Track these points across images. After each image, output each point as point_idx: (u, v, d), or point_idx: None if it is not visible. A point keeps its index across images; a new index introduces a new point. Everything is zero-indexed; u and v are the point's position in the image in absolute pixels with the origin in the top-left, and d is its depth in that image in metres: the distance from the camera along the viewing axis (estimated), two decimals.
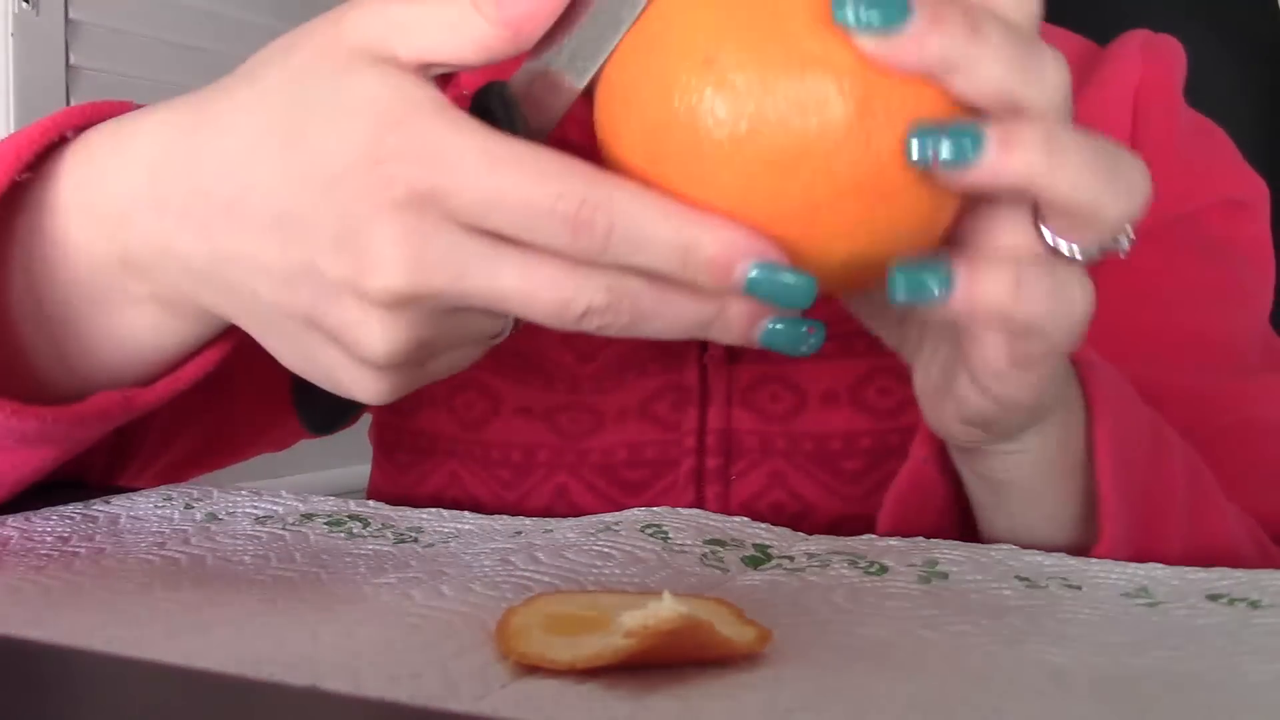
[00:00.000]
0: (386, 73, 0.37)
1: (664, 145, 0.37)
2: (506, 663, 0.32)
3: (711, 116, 0.35)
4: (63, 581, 0.40)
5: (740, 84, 0.35)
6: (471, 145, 0.36)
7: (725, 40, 0.36)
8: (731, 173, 0.36)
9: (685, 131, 0.36)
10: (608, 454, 0.62)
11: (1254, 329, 0.63)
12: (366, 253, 0.37)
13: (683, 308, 0.38)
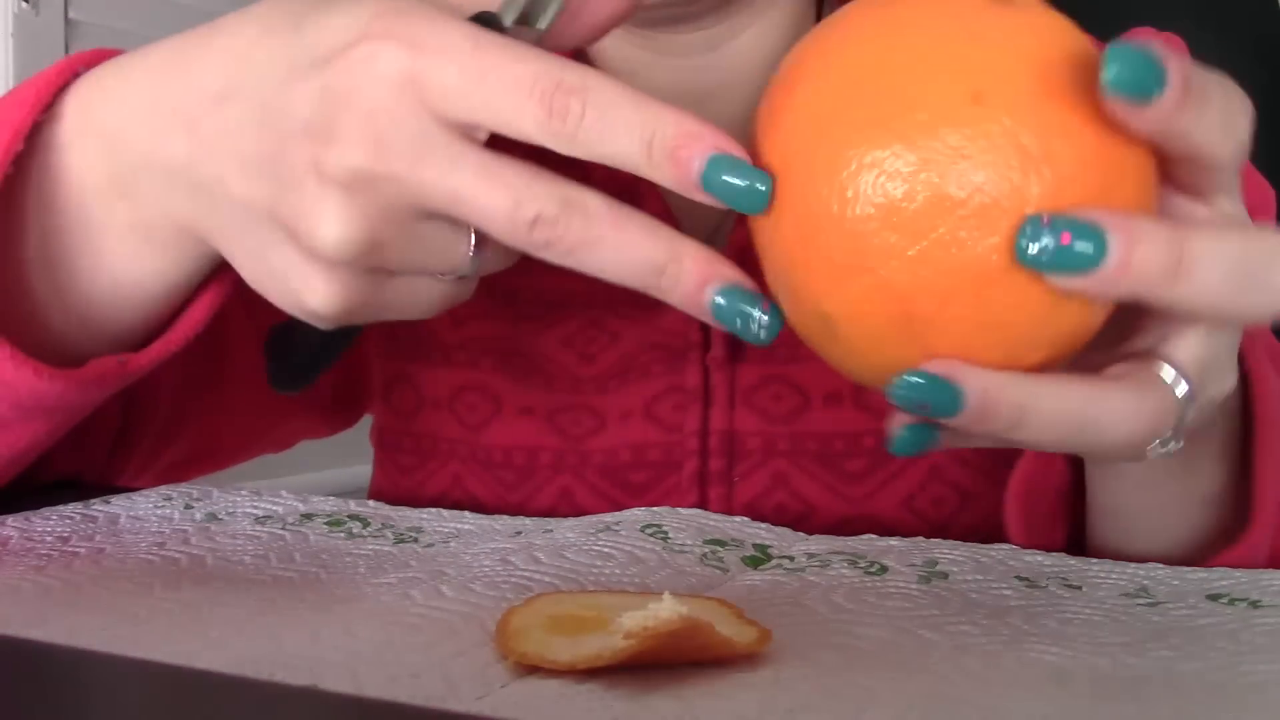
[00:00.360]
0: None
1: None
2: (506, 663, 0.32)
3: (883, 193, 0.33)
4: (63, 581, 0.40)
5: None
6: (459, 30, 0.37)
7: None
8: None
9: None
10: (610, 456, 0.62)
11: (1258, 333, 0.63)
12: (333, 131, 0.37)
13: (635, 242, 0.37)
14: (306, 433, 0.75)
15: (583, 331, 0.63)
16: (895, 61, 0.34)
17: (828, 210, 0.33)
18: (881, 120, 0.33)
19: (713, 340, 0.60)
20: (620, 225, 0.37)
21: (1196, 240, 0.34)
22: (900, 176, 0.32)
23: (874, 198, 0.33)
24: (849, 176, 0.33)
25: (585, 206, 0.37)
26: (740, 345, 0.60)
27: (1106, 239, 0.33)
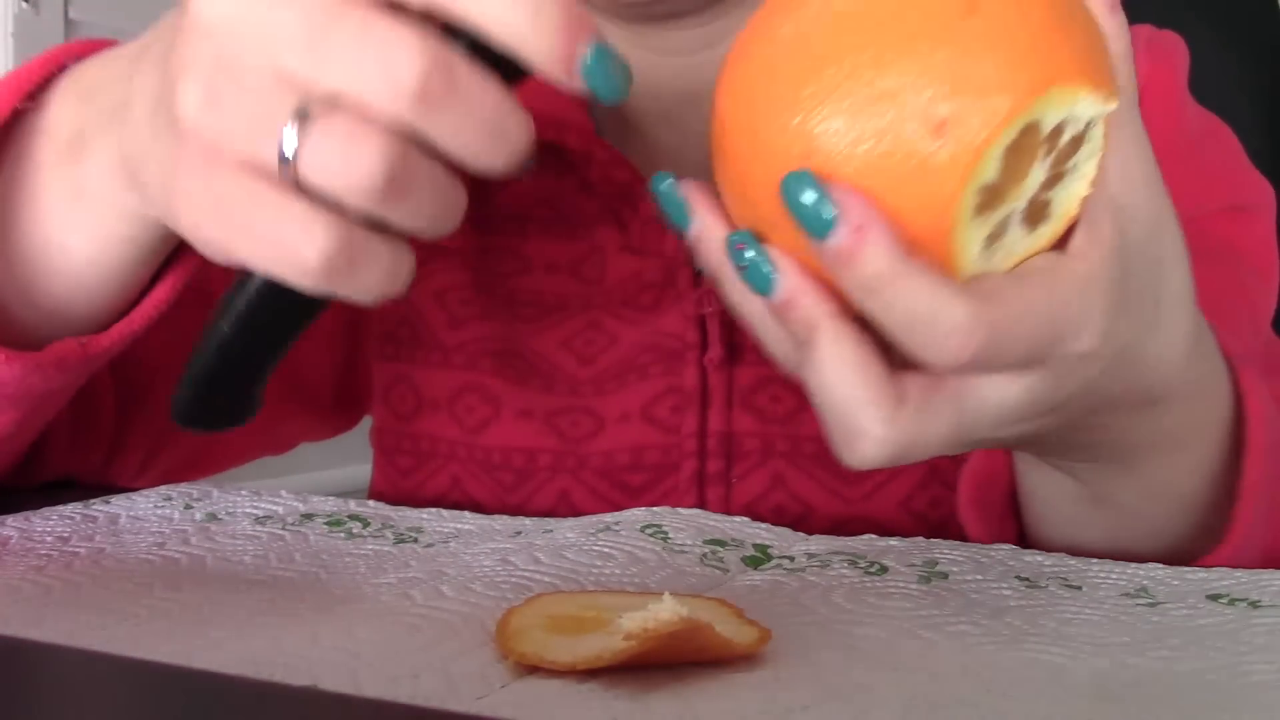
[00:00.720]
0: None
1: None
2: (506, 663, 0.32)
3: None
4: (63, 581, 0.40)
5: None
6: None
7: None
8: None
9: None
10: (609, 458, 0.62)
11: (1258, 333, 0.63)
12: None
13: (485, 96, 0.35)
14: (307, 434, 0.75)
15: (581, 333, 0.63)
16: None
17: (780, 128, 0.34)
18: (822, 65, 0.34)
19: (710, 341, 0.60)
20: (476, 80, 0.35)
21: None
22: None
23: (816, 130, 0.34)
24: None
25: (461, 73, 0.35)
26: (738, 347, 0.60)
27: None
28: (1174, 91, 0.63)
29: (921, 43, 0.33)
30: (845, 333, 0.36)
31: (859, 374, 0.36)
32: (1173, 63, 0.64)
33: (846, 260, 0.34)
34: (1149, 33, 0.65)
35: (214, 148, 0.36)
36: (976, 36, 0.33)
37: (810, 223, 0.34)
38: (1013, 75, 0.33)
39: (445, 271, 0.65)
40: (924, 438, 0.36)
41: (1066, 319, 0.36)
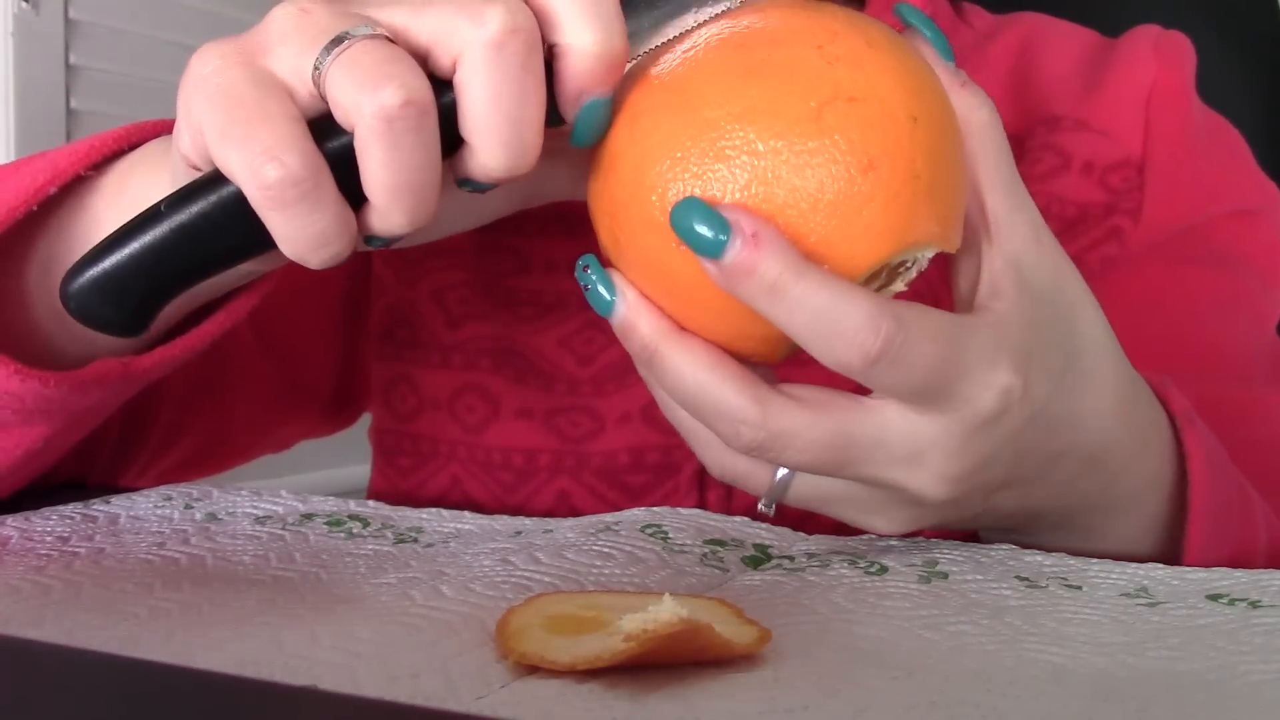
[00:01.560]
0: None
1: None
2: (506, 663, 0.32)
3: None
4: (63, 581, 0.40)
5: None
6: None
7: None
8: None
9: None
10: (609, 458, 0.62)
11: (1262, 339, 0.63)
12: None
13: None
14: (307, 432, 0.75)
15: (580, 332, 0.63)
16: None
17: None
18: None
19: None
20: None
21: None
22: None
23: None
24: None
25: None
26: None
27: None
28: (1181, 93, 0.63)
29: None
30: (690, 339, 0.38)
31: (717, 369, 0.38)
32: (1179, 64, 0.64)
33: (746, 272, 0.35)
34: (1156, 33, 0.65)
35: (267, 50, 0.38)
36: (865, 193, 0.36)
37: (703, 246, 0.35)
38: (889, 227, 0.36)
39: (443, 270, 0.65)
40: (803, 434, 0.37)
41: (971, 348, 0.37)
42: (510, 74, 0.37)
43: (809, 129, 0.35)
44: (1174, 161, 0.62)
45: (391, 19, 0.38)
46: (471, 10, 0.37)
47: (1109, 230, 0.62)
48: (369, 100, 0.36)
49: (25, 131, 1.35)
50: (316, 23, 0.37)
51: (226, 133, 0.37)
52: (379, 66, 0.36)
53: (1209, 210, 0.63)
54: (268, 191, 0.36)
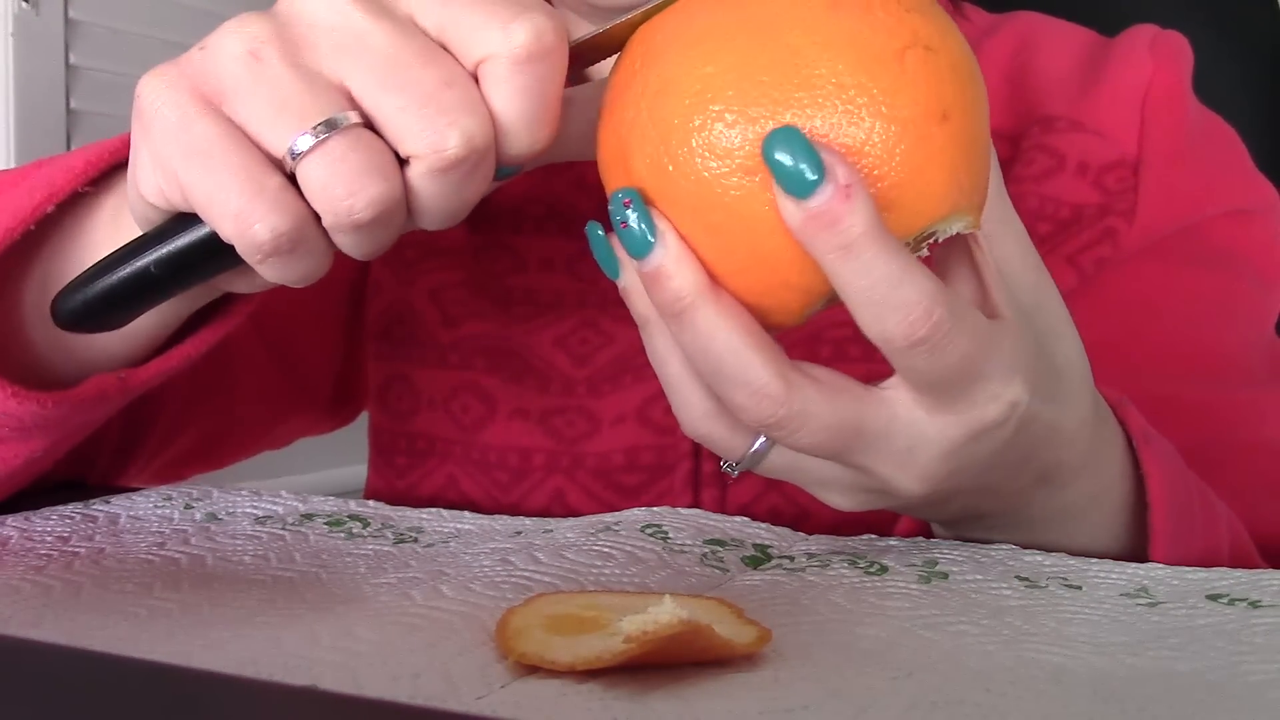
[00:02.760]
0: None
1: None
2: (506, 663, 0.32)
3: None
4: (63, 581, 0.40)
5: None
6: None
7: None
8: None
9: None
10: (604, 458, 0.62)
11: (1260, 340, 0.63)
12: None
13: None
14: (306, 430, 0.75)
15: (576, 332, 0.63)
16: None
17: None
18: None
19: None
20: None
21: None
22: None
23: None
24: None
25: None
26: None
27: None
28: (1177, 94, 0.63)
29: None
30: (726, 299, 0.36)
31: (750, 336, 0.36)
32: (1176, 64, 0.64)
33: (830, 222, 0.34)
34: (1153, 33, 0.65)
35: (222, 96, 0.37)
36: (938, 147, 0.35)
37: (792, 183, 0.33)
38: (947, 188, 0.35)
39: (440, 270, 0.65)
40: (819, 415, 0.37)
41: (995, 355, 0.37)
42: (459, 188, 0.38)
43: (893, 70, 0.34)
44: (1169, 162, 0.62)
45: (358, 93, 0.37)
46: (432, 128, 0.36)
47: (1103, 231, 0.62)
48: (342, 208, 0.36)
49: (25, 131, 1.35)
50: (278, 85, 0.37)
51: (214, 197, 0.37)
52: (356, 177, 0.36)
53: (1205, 210, 0.63)
54: (259, 251, 0.37)
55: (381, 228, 0.37)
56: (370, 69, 0.36)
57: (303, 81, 0.37)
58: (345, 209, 0.36)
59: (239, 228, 0.37)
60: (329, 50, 0.37)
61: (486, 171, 0.38)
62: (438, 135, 0.36)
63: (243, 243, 0.37)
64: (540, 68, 0.37)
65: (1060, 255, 0.61)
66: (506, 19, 0.36)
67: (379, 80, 0.36)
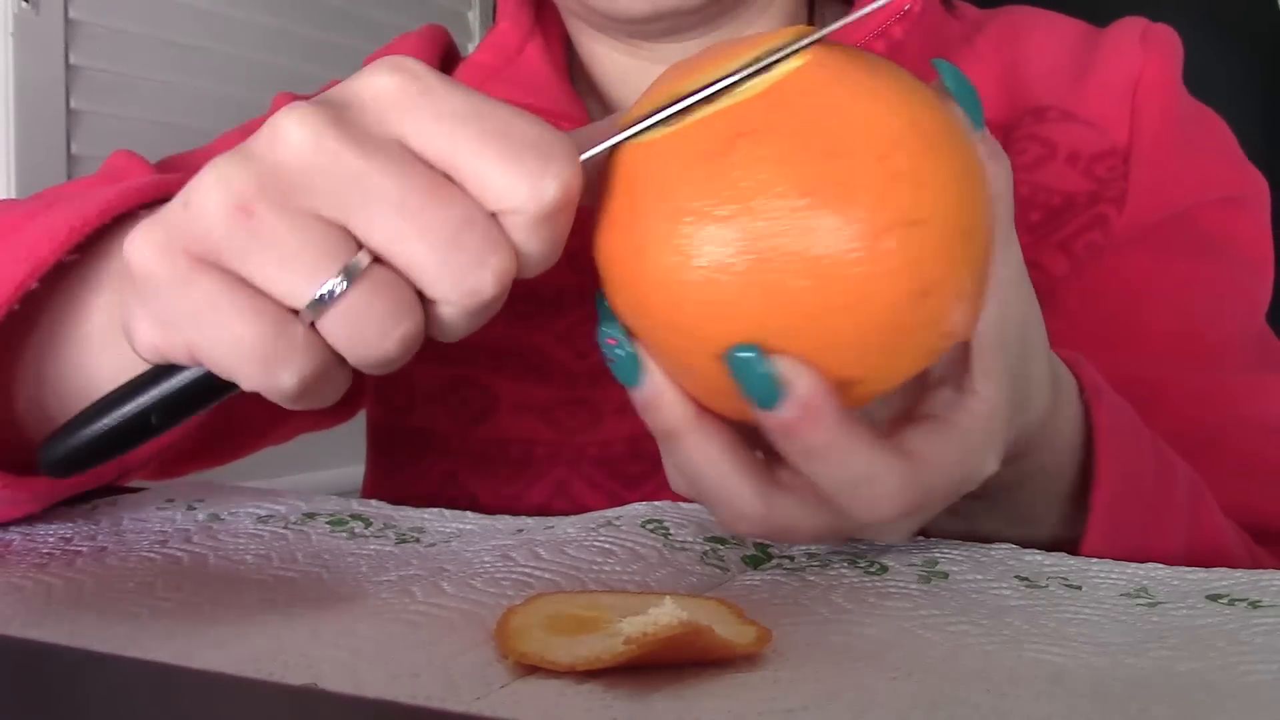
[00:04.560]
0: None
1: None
2: (506, 662, 0.32)
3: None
4: (65, 579, 0.41)
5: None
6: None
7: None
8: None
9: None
10: (606, 448, 0.62)
11: (1250, 327, 0.63)
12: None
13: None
14: (308, 426, 0.75)
15: (578, 326, 0.63)
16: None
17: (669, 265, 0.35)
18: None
19: None
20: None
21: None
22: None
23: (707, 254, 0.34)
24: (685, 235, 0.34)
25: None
26: None
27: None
28: (1168, 84, 0.64)
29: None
30: (709, 425, 0.37)
31: (730, 459, 0.37)
32: (1166, 55, 0.64)
33: (791, 432, 0.35)
34: (1143, 25, 0.65)
35: (218, 256, 0.35)
36: (917, 321, 0.35)
37: (757, 393, 0.34)
38: (932, 349, 0.36)
39: None
40: (801, 526, 0.38)
41: (978, 459, 0.38)
42: (485, 316, 0.36)
43: (868, 254, 0.33)
44: (1159, 150, 0.62)
45: (367, 238, 0.34)
46: (461, 273, 0.34)
47: (1094, 217, 0.62)
48: (376, 352, 0.35)
49: (25, 131, 1.35)
50: (276, 237, 0.34)
51: (233, 350, 0.35)
52: (383, 324, 0.34)
53: (1195, 198, 0.63)
54: (286, 398, 0.35)
55: (408, 356, 0.36)
56: (378, 215, 0.34)
57: (304, 232, 0.34)
58: (378, 353, 0.35)
59: (265, 378, 0.35)
60: (325, 195, 0.34)
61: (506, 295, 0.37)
62: (472, 280, 0.34)
63: (270, 391, 0.35)
64: (565, 216, 0.36)
65: (1052, 242, 0.62)
66: (536, 173, 0.34)
67: (392, 228, 0.34)
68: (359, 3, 1.77)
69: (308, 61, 1.64)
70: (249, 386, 0.35)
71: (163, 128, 1.49)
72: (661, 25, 0.60)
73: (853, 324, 0.34)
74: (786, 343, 0.34)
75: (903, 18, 0.63)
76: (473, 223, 0.34)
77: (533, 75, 0.66)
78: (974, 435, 0.38)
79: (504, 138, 0.34)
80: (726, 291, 0.34)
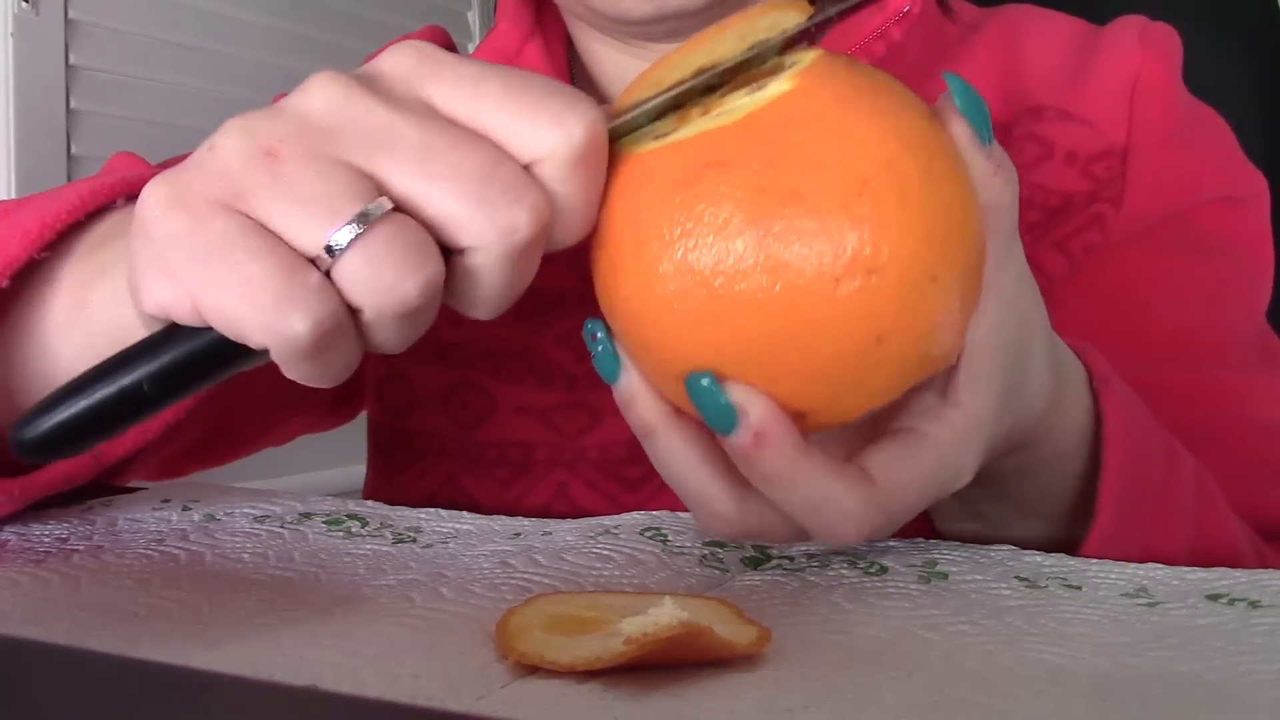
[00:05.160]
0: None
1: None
2: (506, 663, 0.32)
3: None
4: (61, 575, 0.40)
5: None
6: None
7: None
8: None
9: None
10: (606, 451, 0.62)
11: (1250, 326, 0.63)
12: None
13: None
14: (308, 428, 0.75)
15: (579, 329, 0.63)
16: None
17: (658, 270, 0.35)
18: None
19: None
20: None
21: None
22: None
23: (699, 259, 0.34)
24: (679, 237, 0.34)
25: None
26: None
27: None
28: (1167, 83, 0.64)
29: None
30: (684, 427, 0.38)
31: (705, 464, 0.38)
32: (1165, 54, 0.64)
33: (747, 458, 0.35)
34: (1142, 24, 0.65)
35: (239, 199, 0.34)
36: (871, 365, 0.35)
37: (713, 419, 0.35)
38: (889, 388, 0.36)
39: None
40: (776, 531, 0.38)
41: (951, 473, 0.38)
42: (525, 268, 0.36)
43: (822, 299, 0.33)
44: (1157, 150, 0.62)
45: (394, 184, 0.34)
46: (496, 211, 0.34)
47: (1092, 217, 0.62)
48: (392, 299, 0.34)
49: (25, 131, 1.35)
50: (301, 180, 0.34)
51: (242, 293, 0.33)
52: (403, 263, 0.34)
53: (1193, 198, 0.63)
54: (297, 350, 0.34)
55: (426, 314, 0.35)
56: (407, 158, 0.34)
57: (327, 177, 0.34)
58: (397, 297, 0.34)
59: (274, 324, 0.33)
60: (354, 142, 0.34)
61: (540, 254, 0.36)
62: (506, 217, 0.34)
63: (278, 341, 0.34)
64: (597, 160, 0.35)
65: (1049, 241, 0.62)
66: (562, 114, 0.34)
67: (420, 170, 0.34)
68: (359, 3, 1.77)
69: (308, 61, 1.64)
70: (257, 338, 0.34)
71: (163, 128, 1.48)
72: (664, 27, 0.60)
73: (805, 361, 0.34)
74: (741, 372, 0.35)
75: (901, 19, 0.63)
76: (502, 163, 0.34)
77: None
78: (947, 449, 0.37)
79: (526, 91, 0.35)
80: (684, 318, 0.34)
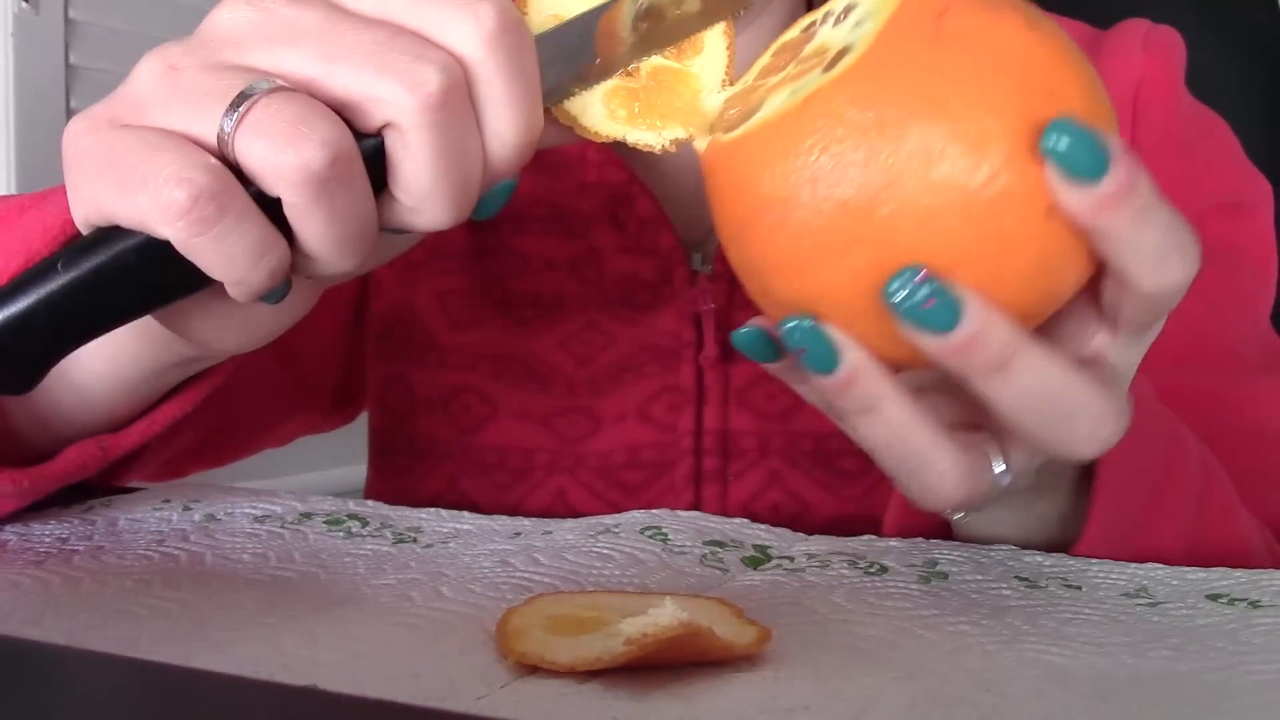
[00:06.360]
0: None
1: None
2: (506, 663, 0.32)
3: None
4: (62, 576, 0.40)
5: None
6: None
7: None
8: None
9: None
10: (605, 457, 0.62)
11: (1254, 332, 0.63)
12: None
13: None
14: (308, 429, 0.75)
15: (578, 334, 0.63)
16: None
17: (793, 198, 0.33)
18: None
19: (706, 340, 0.60)
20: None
21: (1028, 356, 0.34)
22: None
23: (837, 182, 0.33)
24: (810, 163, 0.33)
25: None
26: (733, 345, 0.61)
27: (961, 315, 0.33)
28: (1170, 88, 0.63)
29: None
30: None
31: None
32: (1168, 58, 0.64)
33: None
34: (1145, 28, 0.65)
35: (142, 113, 0.35)
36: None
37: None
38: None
39: (446, 274, 0.65)
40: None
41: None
42: (453, 140, 0.35)
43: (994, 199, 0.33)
44: (1161, 154, 0.62)
45: (293, 71, 0.35)
46: (400, 71, 0.34)
47: None
48: (292, 162, 0.33)
49: (25, 131, 1.35)
50: (196, 82, 0.35)
51: (125, 184, 0.34)
52: (295, 126, 0.33)
53: (1198, 203, 0.63)
54: (185, 218, 0.33)
55: (342, 188, 0.34)
56: (309, 45, 0.34)
57: (223, 74, 0.34)
58: (297, 160, 0.33)
59: (153, 197, 0.33)
60: (256, 44, 0.35)
61: (475, 141, 0.35)
62: (411, 73, 0.34)
63: (164, 214, 0.33)
64: (516, 39, 0.35)
65: None
66: (470, 3, 0.35)
67: (317, 52, 0.34)
68: None
69: None
70: (140, 211, 0.34)
71: None
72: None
73: (998, 258, 0.33)
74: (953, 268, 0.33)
75: None
76: (400, 34, 0.34)
77: None
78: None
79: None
80: (868, 257, 0.33)
